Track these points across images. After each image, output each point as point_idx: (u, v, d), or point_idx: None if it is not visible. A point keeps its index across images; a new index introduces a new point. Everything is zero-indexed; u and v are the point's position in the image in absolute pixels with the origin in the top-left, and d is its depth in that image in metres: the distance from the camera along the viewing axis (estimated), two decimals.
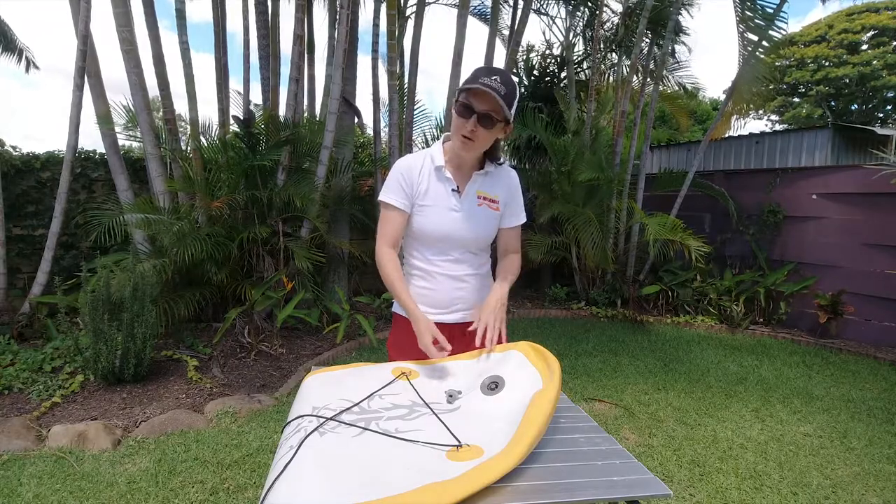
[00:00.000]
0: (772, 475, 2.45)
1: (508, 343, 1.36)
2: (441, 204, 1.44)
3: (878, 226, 4.68)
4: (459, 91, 1.34)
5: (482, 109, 1.30)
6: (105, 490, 2.20)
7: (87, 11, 3.88)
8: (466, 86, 1.31)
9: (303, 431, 0.98)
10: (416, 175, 1.44)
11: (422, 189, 1.44)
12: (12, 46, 6.06)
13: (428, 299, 1.51)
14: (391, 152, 5.16)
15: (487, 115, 1.31)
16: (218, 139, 4.51)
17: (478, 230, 1.48)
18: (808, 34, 18.04)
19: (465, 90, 1.32)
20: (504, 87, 1.30)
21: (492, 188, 1.49)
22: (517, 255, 1.60)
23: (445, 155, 1.46)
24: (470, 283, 1.53)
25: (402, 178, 1.43)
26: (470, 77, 1.33)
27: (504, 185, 1.52)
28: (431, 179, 1.44)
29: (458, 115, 1.34)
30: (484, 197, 1.48)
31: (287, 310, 4.00)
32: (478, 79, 1.29)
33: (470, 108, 1.31)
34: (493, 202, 1.49)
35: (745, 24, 5.58)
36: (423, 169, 1.45)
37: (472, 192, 1.47)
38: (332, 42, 5.11)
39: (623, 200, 5.81)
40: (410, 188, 1.43)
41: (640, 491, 0.88)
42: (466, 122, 1.32)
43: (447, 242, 1.48)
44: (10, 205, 4.60)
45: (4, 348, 3.54)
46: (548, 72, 7.13)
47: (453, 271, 1.50)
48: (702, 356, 4.29)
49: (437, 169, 1.45)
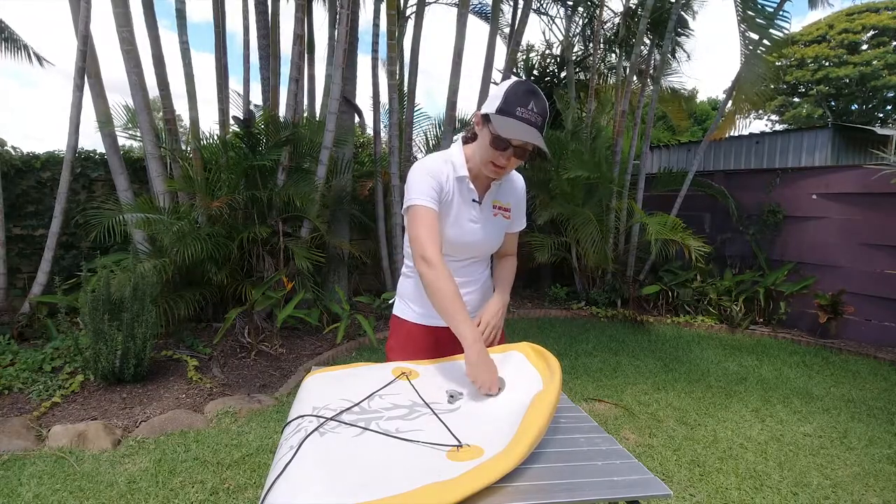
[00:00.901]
0: (772, 475, 2.45)
1: (509, 343, 1.36)
2: (463, 215, 1.41)
3: (878, 226, 4.68)
4: (490, 115, 1.25)
5: (519, 143, 1.25)
6: (105, 490, 2.20)
7: (87, 11, 3.88)
8: (503, 117, 1.22)
9: (303, 431, 0.98)
10: (444, 182, 1.36)
11: (448, 197, 1.38)
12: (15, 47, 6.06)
13: (429, 303, 1.50)
14: (391, 152, 5.16)
15: (524, 148, 1.26)
16: (218, 139, 4.52)
17: (492, 240, 1.48)
18: (809, 34, 18.06)
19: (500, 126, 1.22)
20: (541, 116, 1.23)
21: (504, 196, 1.48)
22: (514, 257, 1.61)
23: (467, 162, 1.39)
24: (476, 288, 1.53)
25: (433, 182, 1.34)
26: (505, 101, 1.22)
27: (514, 193, 1.51)
28: (455, 189, 1.39)
29: (493, 148, 1.26)
30: (499, 207, 1.46)
31: (287, 310, 4.01)
32: (515, 110, 1.20)
33: (507, 142, 1.24)
34: (505, 210, 1.48)
35: (747, 24, 5.58)
36: (448, 177, 1.38)
37: (489, 203, 1.45)
38: (332, 42, 5.12)
39: (623, 200, 5.81)
40: (440, 193, 1.35)
41: (640, 491, 0.88)
42: (501, 154, 1.26)
43: (461, 251, 1.47)
44: (10, 205, 4.60)
45: (4, 348, 3.54)
46: (548, 72, 7.13)
47: (462, 277, 1.48)
48: (702, 356, 4.29)
49: (460, 179, 1.39)
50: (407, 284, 1.54)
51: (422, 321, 1.50)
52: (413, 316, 1.52)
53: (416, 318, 1.51)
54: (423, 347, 1.49)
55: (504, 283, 1.53)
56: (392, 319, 1.58)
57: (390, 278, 5.39)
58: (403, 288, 1.56)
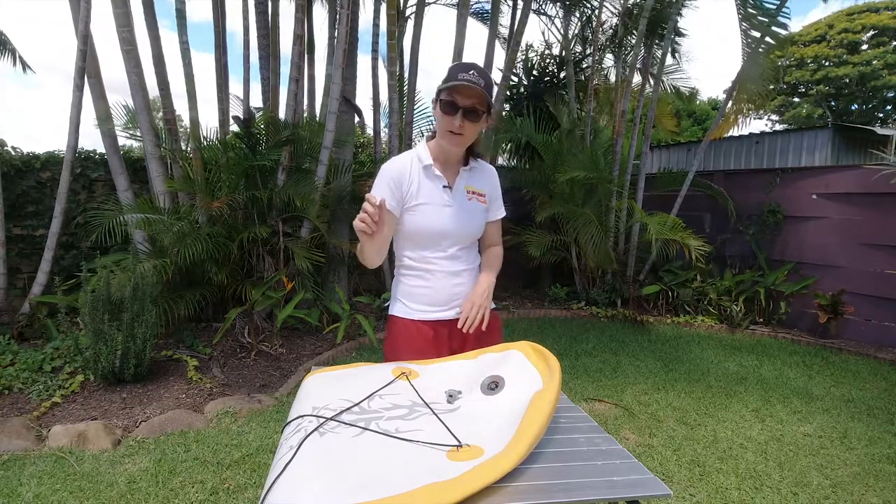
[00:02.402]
0: (772, 475, 2.45)
1: (508, 343, 1.36)
2: (434, 201, 1.47)
3: (878, 226, 4.68)
4: (440, 90, 1.40)
5: (466, 104, 1.37)
6: (105, 490, 2.20)
7: (87, 11, 3.88)
8: (447, 84, 1.36)
9: (303, 431, 0.98)
10: (405, 176, 1.46)
11: (413, 189, 1.46)
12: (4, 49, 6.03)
13: (426, 297, 1.52)
14: (391, 152, 5.16)
15: (472, 108, 1.38)
16: (218, 139, 4.51)
17: (471, 224, 1.53)
18: (808, 34, 18.06)
19: (446, 88, 1.37)
20: (482, 79, 1.36)
21: (478, 182, 1.56)
22: (499, 247, 1.67)
23: (431, 153, 1.50)
24: (466, 278, 1.55)
25: (391, 182, 1.44)
26: (448, 75, 1.38)
27: (487, 181, 1.59)
28: (422, 178, 1.47)
29: (445, 114, 1.39)
30: (472, 191, 1.54)
31: (287, 310, 4.00)
32: (457, 75, 1.35)
33: (454, 104, 1.37)
34: (480, 196, 1.55)
35: (749, 22, 5.58)
36: (411, 169, 1.47)
37: (461, 188, 1.52)
38: (332, 42, 5.12)
39: (623, 200, 5.81)
40: (399, 191, 1.44)
41: (640, 491, 0.88)
42: (453, 118, 1.38)
43: (443, 238, 1.50)
44: (10, 205, 4.60)
45: (4, 348, 3.54)
46: (547, 72, 7.13)
47: (450, 267, 1.52)
48: (702, 356, 4.29)
49: (426, 167, 1.48)
50: (399, 284, 1.58)
51: (417, 316, 1.53)
52: (406, 312, 1.55)
53: (411, 314, 1.54)
54: (421, 342, 1.51)
55: (490, 266, 1.60)
56: (388, 320, 1.60)
57: (390, 278, 5.37)
58: (396, 288, 1.60)
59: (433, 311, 1.52)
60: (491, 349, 1.31)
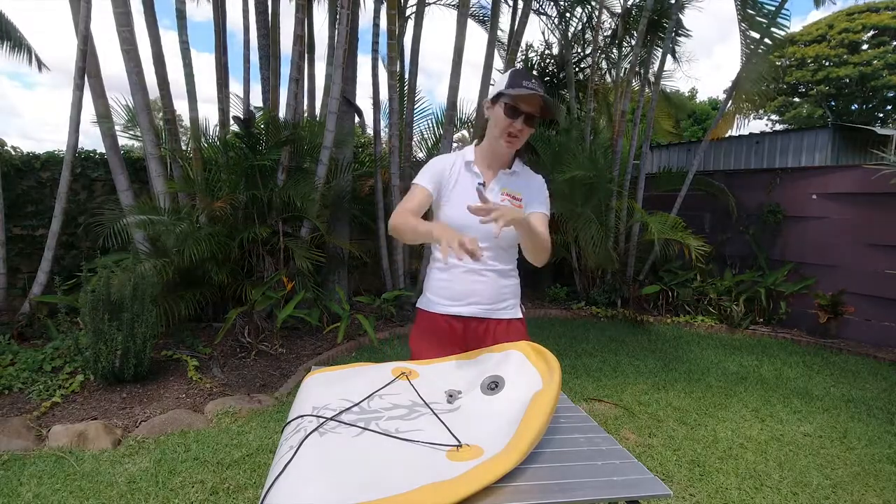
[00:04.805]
0: (772, 475, 2.45)
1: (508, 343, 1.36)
2: (465, 196, 1.49)
3: (878, 226, 4.68)
4: (501, 94, 1.44)
5: (528, 110, 1.44)
6: (105, 490, 2.20)
7: (87, 11, 3.88)
8: (514, 91, 1.40)
9: (303, 431, 0.98)
10: (448, 168, 1.55)
11: (451, 182, 1.54)
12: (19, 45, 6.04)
13: (445, 291, 1.56)
14: (391, 152, 5.16)
15: (532, 115, 1.45)
16: (218, 139, 4.51)
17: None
18: (809, 34, 18.05)
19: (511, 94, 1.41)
20: (541, 89, 1.43)
21: (518, 187, 1.57)
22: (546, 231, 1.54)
23: (476, 154, 1.58)
24: (488, 276, 1.54)
25: (435, 170, 1.54)
26: (510, 81, 1.44)
27: (529, 186, 1.58)
28: (461, 173, 1.55)
29: (507, 117, 1.44)
30: (508, 194, 1.55)
31: (287, 310, 4.00)
32: (521, 83, 1.41)
33: (517, 109, 1.44)
34: (516, 199, 1.55)
35: (748, 23, 5.58)
36: (455, 164, 1.56)
37: (497, 189, 1.54)
38: (332, 42, 5.11)
39: (623, 200, 5.80)
40: (441, 178, 1.53)
41: (640, 491, 0.88)
42: (514, 122, 1.44)
43: (465, 233, 1.46)
44: (10, 205, 4.60)
45: (4, 348, 3.53)
46: (547, 72, 7.13)
47: (472, 264, 1.51)
48: (702, 356, 4.29)
49: (467, 164, 1.56)
50: (428, 275, 1.63)
51: (434, 309, 1.57)
52: (426, 304, 1.59)
53: (430, 306, 1.58)
54: (433, 334, 1.56)
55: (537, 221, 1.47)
56: (417, 312, 1.65)
57: (390, 278, 5.39)
58: (427, 281, 1.64)
59: (449, 304, 1.55)
60: (491, 349, 1.31)
